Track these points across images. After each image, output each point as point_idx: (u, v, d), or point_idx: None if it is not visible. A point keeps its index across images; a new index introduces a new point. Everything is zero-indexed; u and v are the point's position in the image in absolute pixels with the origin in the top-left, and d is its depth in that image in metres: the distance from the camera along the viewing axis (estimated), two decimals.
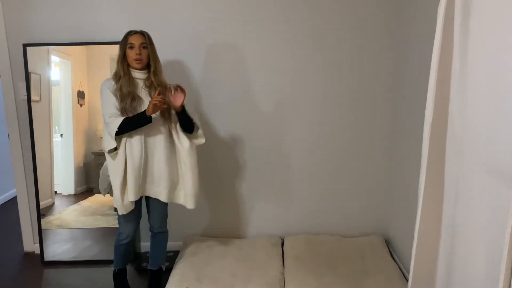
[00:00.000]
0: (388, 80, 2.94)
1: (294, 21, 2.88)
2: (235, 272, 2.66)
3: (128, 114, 2.31)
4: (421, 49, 2.47)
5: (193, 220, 3.19)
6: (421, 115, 1.87)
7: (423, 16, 2.47)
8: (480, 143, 1.53)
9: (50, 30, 2.92)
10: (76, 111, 3.05)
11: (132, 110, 2.32)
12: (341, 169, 3.10)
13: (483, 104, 1.51)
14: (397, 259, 2.87)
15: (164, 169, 2.41)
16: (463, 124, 1.63)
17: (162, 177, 2.42)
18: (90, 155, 3.09)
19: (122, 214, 2.40)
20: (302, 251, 2.89)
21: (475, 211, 1.57)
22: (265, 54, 2.94)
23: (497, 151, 1.43)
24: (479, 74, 1.52)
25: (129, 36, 2.34)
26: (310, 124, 3.03)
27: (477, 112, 1.55)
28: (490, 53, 1.46)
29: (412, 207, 2.28)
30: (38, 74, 2.99)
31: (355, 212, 3.16)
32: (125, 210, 2.39)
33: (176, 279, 2.58)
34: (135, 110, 2.32)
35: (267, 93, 2.99)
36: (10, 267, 3.09)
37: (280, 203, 3.17)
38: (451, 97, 1.71)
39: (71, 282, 2.86)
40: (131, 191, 2.37)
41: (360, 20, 2.87)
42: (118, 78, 2.35)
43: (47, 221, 3.11)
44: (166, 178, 2.42)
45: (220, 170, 3.13)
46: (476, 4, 1.52)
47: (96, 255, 3.09)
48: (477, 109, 1.54)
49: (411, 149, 2.64)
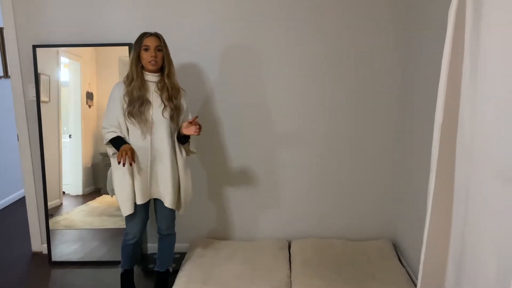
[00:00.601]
0: (397, 82, 2.92)
1: (307, 22, 2.87)
2: (241, 274, 2.65)
3: (134, 118, 2.33)
4: (431, 49, 2.45)
5: (200, 222, 3.18)
6: (430, 117, 1.85)
7: (433, 15, 2.45)
8: (490, 146, 1.51)
9: (60, 32, 2.94)
10: (85, 112, 3.06)
11: (139, 114, 2.32)
12: (349, 172, 3.08)
13: (494, 106, 1.48)
14: (405, 264, 2.83)
15: (169, 174, 2.41)
16: (474, 127, 1.60)
17: (167, 181, 2.42)
18: (98, 156, 3.10)
19: (126, 215, 2.42)
20: (309, 255, 2.87)
21: (485, 215, 1.54)
22: (276, 55, 2.93)
23: (508, 154, 1.41)
24: (491, 75, 1.50)
25: (144, 38, 2.33)
26: (318, 127, 3.02)
27: (488, 114, 1.52)
28: (502, 54, 1.44)
29: (421, 211, 2.26)
30: (48, 75, 3.01)
31: (363, 215, 3.14)
32: (128, 211, 2.40)
33: (182, 281, 2.57)
34: (142, 114, 2.33)
35: (278, 94, 2.98)
36: (18, 266, 3.11)
37: (287, 206, 3.15)
38: (461, 98, 1.68)
39: (78, 282, 2.87)
40: (138, 194, 2.38)
41: (370, 20, 2.85)
42: (130, 80, 2.35)
43: (55, 222, 3.12)
44: (171, 183, 2.42)
45: (228, 172, 3.12)
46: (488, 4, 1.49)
47: (103, 256, 3.10)
48: (488, 111, 1.52)
49: (420, 152, 2.61)
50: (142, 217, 2.51)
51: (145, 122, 2.34)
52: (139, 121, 2.33)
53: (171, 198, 2.44)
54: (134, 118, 2.33)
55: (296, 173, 3.10)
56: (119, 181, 2.40)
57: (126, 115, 2.33)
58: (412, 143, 2.78)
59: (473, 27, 1.58)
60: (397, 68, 2.90)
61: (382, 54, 2.89)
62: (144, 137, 2.36)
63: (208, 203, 3.18)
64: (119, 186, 2.40)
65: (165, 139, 2.38)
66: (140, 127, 2.35)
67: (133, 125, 2.35)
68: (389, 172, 3.06)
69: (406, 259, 2.86)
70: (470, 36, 1.60)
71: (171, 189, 2.42)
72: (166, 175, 2.41)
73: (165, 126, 2.38)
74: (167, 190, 2.43)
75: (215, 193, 3.17)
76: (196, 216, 3.15)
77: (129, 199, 2.39)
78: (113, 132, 2.37)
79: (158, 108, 2.37)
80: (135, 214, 2.44)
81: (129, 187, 2.38)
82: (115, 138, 2.36)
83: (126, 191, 2.38)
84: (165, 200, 2.45)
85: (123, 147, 2.28)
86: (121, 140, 2.35)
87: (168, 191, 2.42)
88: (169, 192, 2.42)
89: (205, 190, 3.16)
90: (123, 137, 2.37)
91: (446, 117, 1.71)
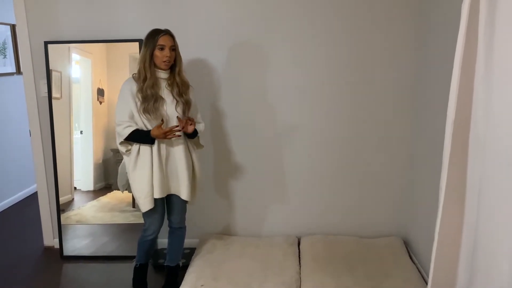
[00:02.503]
0: (410, 79, 2.89)
1: (315, 20, 2.85)
2: (251, 271, 2.65)
3: (150, 114, 2.33)
4: (444, 46, 2.42)
5: (209, 218, 3.19)
6: (443, 115, 1.83)
7: (447, 12, 2.42)
8: (504, 144, 1.49)
9: (71, 28, 2.96)
10: (96, 108, 3.08)
11: (155, 110, 2.33)
12: (360, 169, 3.06)
13: (508, 104, 1.46)
14: (416, 262, 2.81)
15: (184, 168, 2.43)
16: (487, 124, 1.58)
17: (183, 175, 2.44)
18: (109, 152, 3.12)
19: (145, 211, 2.42)
20: (319, 252, 2.86)
21: (498, 213, 1.52)
22: (286, 52, 2.92)
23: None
24: (504, 72, 1.48)
25: (158, 37, 2.32)
26: (330, 123, 3.00)
27: (501, 111, 1.50)
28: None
29: (433, 209, 2.23)
30: (59, 72, 3.04)
31: (374, 212, 3.12)
32: (149, 206, 2.40)
33: (192, 277, 2.58)
34: (157, 110, 2.34)
35: (288, 91, 2.97)
36: (30, 261, 3.15)
37: (297, 202, 3.15)
38: (474, 96, 1.66)
39: (89, 276, 2.90)
40: (156, 188, 2.39)
41: (384, 18, 2.82)
42: (142, 78, 2.35)
43: (66, 217, 3.16)
44: (187, 177, 2.44)
45: (237, 168, 3.12)
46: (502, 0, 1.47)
47: (113, 250, 3.12)
48: (501, 109, 1.49)
49: (432, 149, 2.58)
50: (161, 212, 2.53)
51: (160, 118, 2.35)
52: (155, 117, 2.34)
53: (187, 191, 2.46)
54: (149, 115, 2.33)
55: (305, 169, 3.09)
56: (137, 177, 2.39)
57: (142, 111, 2.34)
58: (425, 140, 2.76)
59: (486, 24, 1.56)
60: (411, 65, 2.87)
61: (397, 53, 2.86)
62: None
63: (217, 200, 3.18)
64: (138, 183, 2.39)
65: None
66: (156, 123, 2.35)
67: (148, 121, 2.36)
68: (401, 169, 3.03)
69: (417, 257, 2.84)
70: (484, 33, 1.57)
71: (187, 182, 2.45)
72: (182, 169, 2.43)
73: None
74: (184, 183, 2.45)
75: (224, 190, 3.17)
76: (205, 212, 3.16)
77: (149, 195, 2.39)
78: (130, 127, 2.34)
79: (171, 104, 2.39)
80: (155, 210, 2.45)
81: (149, 182, 2.38)
82: (133, 131, 2.34)
83: (146, 186, 2.38)
84: (182, 193, 2.47)
85: (156, 133, 2.28)
86: (141, 131, 2.35)
87: (185, 184, 2.45)
88: (186, 185, 2.45)
89: (214, 187, 3.16)
90: (141, 128, 2.36)
91: (458, 114, 1.69)
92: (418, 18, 2.79)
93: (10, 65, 4.27)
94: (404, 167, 3.03)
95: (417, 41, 2.81)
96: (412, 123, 2.94)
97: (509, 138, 1.46)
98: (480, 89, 1.62)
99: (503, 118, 1.49)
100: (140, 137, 2.35)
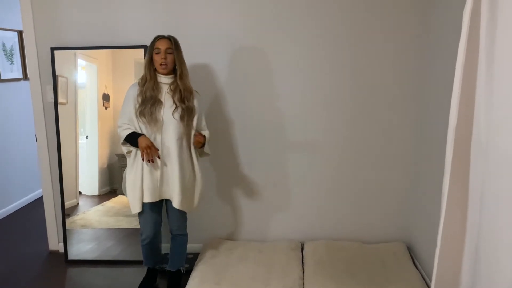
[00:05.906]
0: (413, 83, 2.89)
1: (319, 24, 2.87)
2: (254, 275, 2.66)
3: (145, 117, 2.37)
4: (446, 51, 2.43)
5: (213, 223, 3.20)
6: (445, 119, 1.84)
7: (450, 17, 2.43)
8: (506, 148, 1.49)
9: (77, 35, 3.00)
10: (101, 113, 3.11)
11: (150, 114, 2.37)
12: (362, 174, 3.06)
13: (510, 109, 1.47)
14: (419, 267, 2.81)
15: (177, 174, 2.43)
16: (489, 128, 1.59)
17: (175, 182, 2.44)
18: (114, 157, 3.14)
19: (135, 212, 2.47)
20: (322, 257, 2.86)
21: (501, 217, 1.52)
22: (289, 58, 2.93)
23: None
24: (506, 76, 1.48)
25: (156, 41, 2.40)
26: (333, 129, 3.01)
27: (503, 115, 1.50)
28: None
29: (436, 213, 2.24)
30: (65, 77, 3.07)
31: (377, 218, 3.11)
32: (137, 208, 2.44)
33: (195, 281, 2.59)
34: (153, 113, 2.37)
35: (292, 97, 2.99)
36: (35, 265, 3.17)
37: (300, 207, 3.15)
38: (476, 100, 1.67)
39: (93, 281, 2.91)
40: (146, 192, 2.42)
41: (388, 24, 2.83)
42: (144, 82, 2.42)
43: (71, 221, 3.17)
44: (179, 184, 2.44)
45: (240, 174, 3.13)
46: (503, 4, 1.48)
47: (118, 255, 3.13)
48: (503, 113, 1.50)
49: (435, 153, 2.59)
50: (153, 217, 2.54)
51: (155, 122, 2.38)
52: (149, 121, 2.38)
53: (179, 198, 2.45)
54: (144, 118, 2.38)
55: (308, 175, 3.09)
56: (130, 178, 2.45)
57: (138, 114, 2.38)
58: (428, 144, 2.76)
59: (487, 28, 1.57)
60: (414, 73, 2.87)
61: (400, 58, 2.87)
62: (154, 137, 2.40)
63: (221, 204, 3.19)
64: (130, 184, 2.46)
65: (173, 139, 2.41)
66: (151, 127, 2.39)
67: (144, 125, 2.40)
68: (404, 174, 3.03)
69: (420, 262, 2.84)
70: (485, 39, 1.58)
71: (179, 190, 2.44)
72: (174, 175, 2.43)
73: (175, 127, 2.41)
74: (175, 190, 2.45)
75: (228, 195, 3.18)
76: (209, 217, 3.17)
77: (137, 197, 2.43)
78: (128, 129, 2.41)
79: (169, 109, 2.41)
80: (145, 214, 2.49)
81: (139, 186, 2.42)
82: (130, 133, 2.40)
83: (136, 189, 2.42)
84: (173, 200, 2.47)
85: (141, 141, 2.33)
86: (133, 133, 2.40)
87: (176, 191, 2.44)
88: (177, 192, 2.44)
89: (217, 192, 3.17)
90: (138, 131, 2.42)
91: (460, 120, 1.70)
92: (422, 27, 2.79)
93: (17, 71, 4.31)
94: (407, 172, 3.03)
95: (421, 49, 2.82)
96: (416, 129, 2.94)
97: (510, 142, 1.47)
98: (482, 94, 1.63)
99: (504, 123, 1.50)
100: (132, 139, 2.40)
